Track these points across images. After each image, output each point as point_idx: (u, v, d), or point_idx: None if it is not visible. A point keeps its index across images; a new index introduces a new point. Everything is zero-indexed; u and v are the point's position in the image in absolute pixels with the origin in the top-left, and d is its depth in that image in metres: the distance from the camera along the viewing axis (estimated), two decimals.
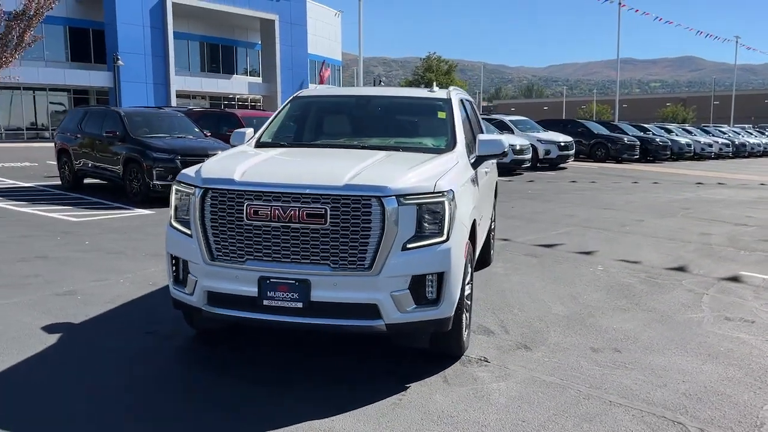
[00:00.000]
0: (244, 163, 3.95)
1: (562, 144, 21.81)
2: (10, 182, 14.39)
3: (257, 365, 4.08)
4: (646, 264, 7.22)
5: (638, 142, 26.66)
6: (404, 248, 3.58)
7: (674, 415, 3.44)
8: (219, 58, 49.06)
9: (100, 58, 40.34)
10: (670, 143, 28.84)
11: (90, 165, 12.75)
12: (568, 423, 3.33)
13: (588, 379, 3.92)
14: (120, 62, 35.22)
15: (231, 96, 48.69)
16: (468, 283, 4.40)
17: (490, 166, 6.25)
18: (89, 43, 41.02)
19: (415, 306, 3.65)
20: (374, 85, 60.34)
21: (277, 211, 3.55)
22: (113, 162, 11.95)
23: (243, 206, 3.61)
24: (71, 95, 40.38)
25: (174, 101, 40.10)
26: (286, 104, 5.47)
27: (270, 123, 5.26)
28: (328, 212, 3.52)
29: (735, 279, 6.61)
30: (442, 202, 3.68)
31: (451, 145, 4.72)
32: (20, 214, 10.03)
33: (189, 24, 44.69)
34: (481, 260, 6.76)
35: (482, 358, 4.22)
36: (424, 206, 3.63)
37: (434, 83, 5.85)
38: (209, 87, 45.29)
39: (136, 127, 12.13)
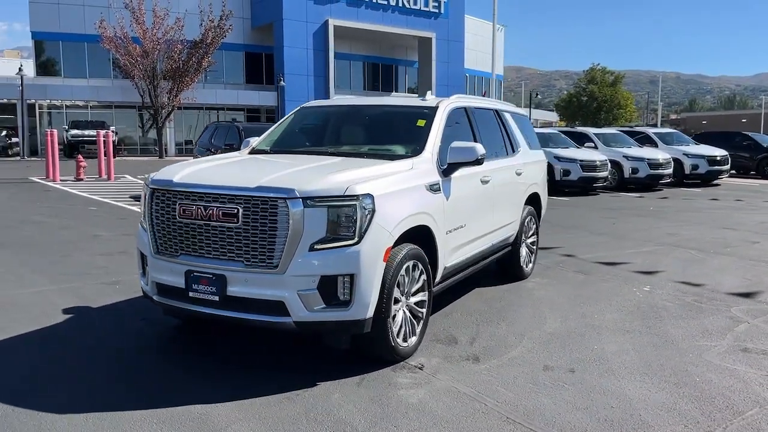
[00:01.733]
0: (192, 167, 4.34)
1: (713, 158, 19.82)
2: None
3: (206, 353, 4.42)
4: (708, 287, 6.51)
5: None
6: (312, 249, 3.72)
7: None
8: (379, 76, 51.10)
9: (270, 79, 44.00)
10: None
11: None
12: None
13: (506, 394, 3.75)
14: (282, 83, 38.17)
15: None
16: (420, 291, 4.40)
17: (508, 175, 6.09)
18: (262, 66, 44.93)
19: (324, 306, 3.77)
20: (530, 99, 59.20)
21: (200, 210, 3.88)
22: None
23: (176, 205, 3.98)
24: (245, 114, 44.41)
25: None
26: (291, 114, 5.81)
27: (270, 131, 5.63)
28: (241, 212, 3.78)
29: None
30: (353, 206, 3.76)
31: (418, 151, 4.73)
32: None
33: (351, 45, 47.17)
34: (512, 274, 6.59)
35: (419, 366, 4.19)
36: (333, 209, 3.74)
37: (428, 92, 5.82)
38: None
39: None
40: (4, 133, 38.83)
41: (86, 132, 31.30)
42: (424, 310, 4.48)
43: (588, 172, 16.81)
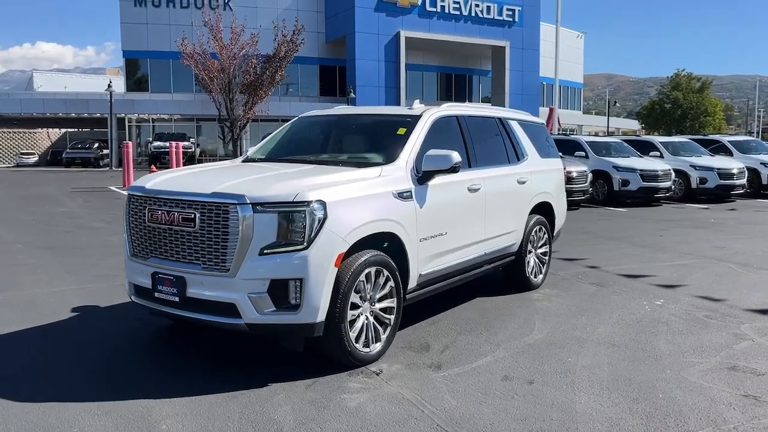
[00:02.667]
0: (168, 175, 4.58)
1: None
2: None
3: (184, 353, 4.64)
4: (728, 303, 6.15)
5: None
6: (262, 253, 3.85)
7: None
8: (452, 86, 51.02)
9: (343, 92, 44.85)
10: None
11: None
12: None
13: (450, 402, 3.73)
14: (352, 95, 38.81)
15: None
16: (387, 298, 4.44)
17: (507, 183, 6.02)
18: (335, 78, 45.88)
19: (274, 309, 3.88)
20: (609, 107, 57.30)
21: (164, 215, 4.10)
22: None
23: (146, 210, 4.22)
24: None
25: None
26: (288, 123, 5.99)
27: (266, 140, 5.84)
28: (197, 217, 3.96)
29: None
30: (302, 212, 3.87)
31: (392, 159, 4.78)
32: None
33: (424, 56, 47.39)
34: (518, 284, 6.48)
35: (377, 371, 4.22)
36: (283, 215, 3.86)
37: (417, 101, 5.81)
38: None
39: None
40: (96, 145, 41.57)
41: (165, 144, 32.99)
42: (391, 317, 4.51)
43: (648, 182, 16.14)
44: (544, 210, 6.83)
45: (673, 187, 17.06)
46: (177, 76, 41.96)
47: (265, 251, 3.85)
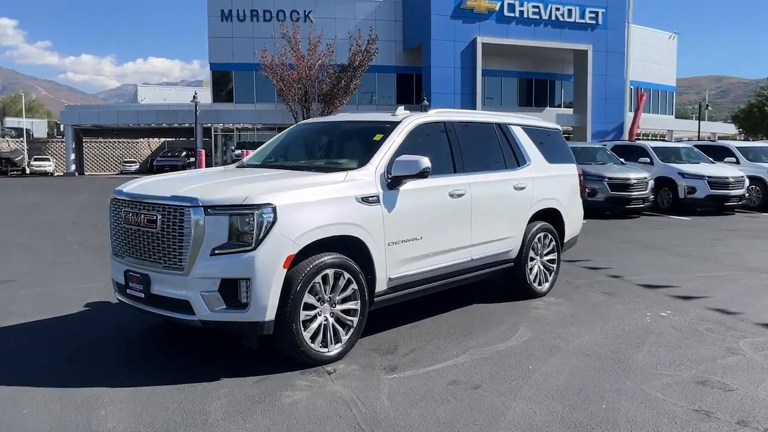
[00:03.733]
0: (146, 179, 4.90)
1: None
2: None
3: (163, 347, 4.93)
4: (740, 317, 5.81)
5: None
6: (213, 253, 4.06)
7: None
8: (532, 91, 50.09)
9: (419, 99, 45.04)
10: None
11: None
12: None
13: (383, 403, 3.78)
14: (425, 102, 38.89)
15: None
16: (350, 300, 4.55)
17: (501, 188, 5.97)
18: (412, 86, 46.15)
19: (225, 307, 4.09)
20: (700, 111, 54.22)
21: (134, 217, 4.41)
22: None
23: (122, 212, 4.54)
24: None
25: None
26: (286, 131, 6.21)
27: (263, 146, 6.08)
28: (159, 219, 4.23)
29: None
30: (251, 215, 4.05)
31: (362, 164, 4.89)
32: None
33: (503, 61, 46.84)
34: (518, 291, 6.39)
35: (330, 371, 4.33)
36: (233, 217, 4.06)
37: (401, 107, 5.82)
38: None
39: None
40: (184, 153, 43.94)
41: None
42: (354, 319, 4.61)
43: (717, 190, 15.27)
44: (550, 216, 6.69)
45: (747, 195, 16.05)
46: (259, 87, 43.59)
47: (216, 252, 4.06)
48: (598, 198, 14.51)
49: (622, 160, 16.36)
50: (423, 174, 4.89)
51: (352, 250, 4.62)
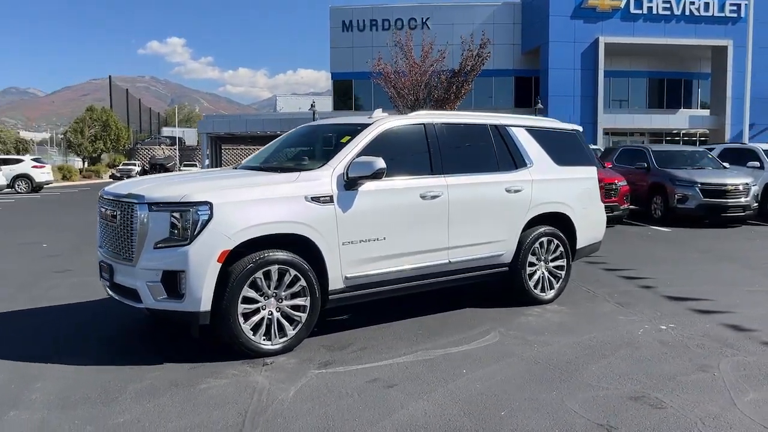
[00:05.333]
0: (130, 180, 5.36)
1: None
2: None
3: (148, 335, 5.37)
4: (752, 334, 5.28)
5: None
6: (156, 246, 4.42)
7: None
8: (664, 92, 47.01)
9: (536, 102, 43.90)
10: None
11: None
12: (170, 414, 3.66)
13: (286, 395, 3.91)
14: (539, 105, 37.78)
15: (674, 131, 46.02)
16: (298, 296, 4.72)
17: (489, 191, 5.85)
18: (531, 89, 45.06)
19: (166, 296, 4.42)
20: None
21: (105, 212, 4.88)
22: None
23: (101, 208, 5.04)
24: None
25: (600, 139, 40.56)
26: (286, 134, 6.47)
27: (263, 149, 6.39)
28: (118, 214, 4.67)
29: None
30: (187, 211, 4.36)
31: (319, 165, 5.05)
32: None
33: (630, 61, 44.47)
34: (517, 297, 6.22)
35: (266, 363, 4.51)
36: (173, 213, 4.39)
37: (378, 110, 5.78)
38: (642, 123, 43.97)
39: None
40: None
41: None
42: (303, 315, 4.77)
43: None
44: (557, 221, 6.42)
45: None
46: (377, 95, 44.54)
47: (158, 245, 4.41)
48: (689, 205, 13.45)
49: (725, 164, 15.03)
50: (377, 175, 4.95)
51: (303, 248, 4.78)
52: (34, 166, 29.08)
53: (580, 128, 7.16)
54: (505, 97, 46.11)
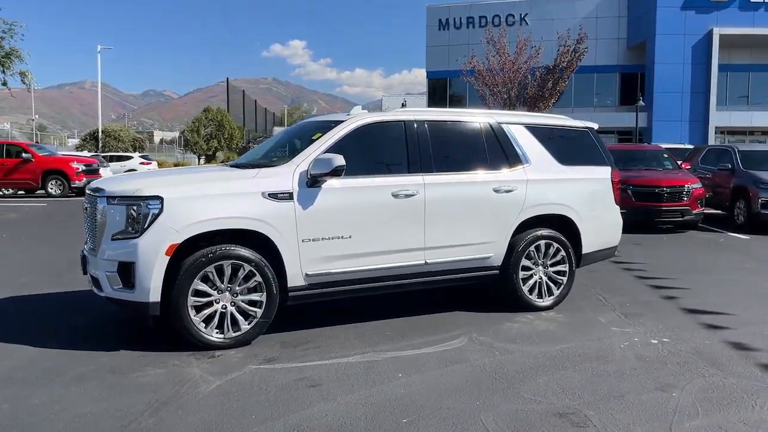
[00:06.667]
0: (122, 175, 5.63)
1: None
2: None
3: (120, 320, 5.64)
4: (751, 354, 4.75)
5: None
6: (113, 238, 4.63)
7: None
8: None
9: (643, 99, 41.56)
10: None
11: None
12: (97, 397, 3.82)
13: (203, 390, 3.97)
14: (641, 103, 35.65)
15: None
16: (254, 292, 4.78)
17: (473, 190, 5.62)
18: (636, 86, 42.70)
19: (121, 286, 4.62)
20: None
21: (83, 206, 5.17)
22: None
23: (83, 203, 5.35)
24: (616, 136, 42.86)
25: (712, 138, 37.77)
26: (284, 131, 6.55)
27: (259, 146, 6.51)
28: (88, 208, 4.94)
29: None
30: (138, 205, 4.54)
31: (284, 161, 5.10)
32: None
33: (751, 54, 41.03)
34: (510, 301, 5.96)
35: (213, 355, 4.60)
36: (127, 207, 4.58)
37: (358, 107, 5.63)
38: (763, 121, 40.36)
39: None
40: None
41: None
42: (258, 310, 4.82)
43: None
44: (559, 223, 6.06)
45: None
46: (472, 93, 43.93)
47: (115, 237, 4.62)
48: None
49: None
50: (336, 172, 4.90)
51: (262, 245, 4.83)
52: (142, 163, 31.40)
53: (595, 126, 6.70)
54: (609, 94, 44.00)
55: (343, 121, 5.38)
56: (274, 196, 4.85)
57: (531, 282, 5.94)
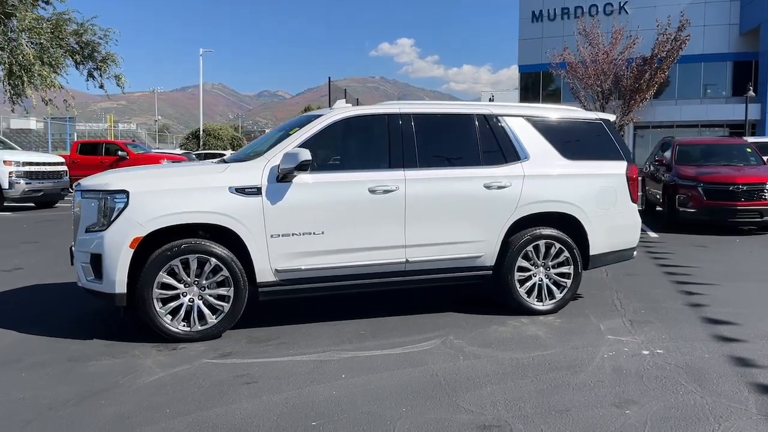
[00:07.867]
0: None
1: None
2: None
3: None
4: (749, 371, 4.21)
5: None
6: (86, 231, 4.81)
7: None
8: None
9: (756, 90, 38.27)
10: None
11: None
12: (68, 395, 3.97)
13: (144, 381, 4.02)
14: (751, 93, 32.75)
15: None
16: (222, 286, 4.82)
17: (460, 186, 5.36)
18: (750, 76, 39.41)
19: (93, 277, 4.79)
20: None
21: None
22: None
23: None
24: (725, 131, 39.81)
25: None
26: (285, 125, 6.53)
27: (255, 142, 6.53)
28: (74, 203, 5.15)
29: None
30: (105, 199, 4.68)
31: (258, 155, 5.10)
32: None
33: None
34: (506, 303, 5.67)
35: (175, 348, 4.66)
36: (96, 201, 4.74)
37: (341, 101, 5.40)
38: None
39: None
40: None
41: None
42: (225, 305, 4.84)
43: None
44: (563, 223, 5.65)
45: None
46: (566, 87, 42.38)
47: (88, 229, 4.79)
48: None
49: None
50: (302, 167, 4.83)
51: (231, 239, 4.85)
52: None
53: (611, 117, 6.18)
54: (718, 84, 40.90)
55: (321, 116, 5.29)
56: (240, 191, 4.85)
57: (529, 284, 5.58)
